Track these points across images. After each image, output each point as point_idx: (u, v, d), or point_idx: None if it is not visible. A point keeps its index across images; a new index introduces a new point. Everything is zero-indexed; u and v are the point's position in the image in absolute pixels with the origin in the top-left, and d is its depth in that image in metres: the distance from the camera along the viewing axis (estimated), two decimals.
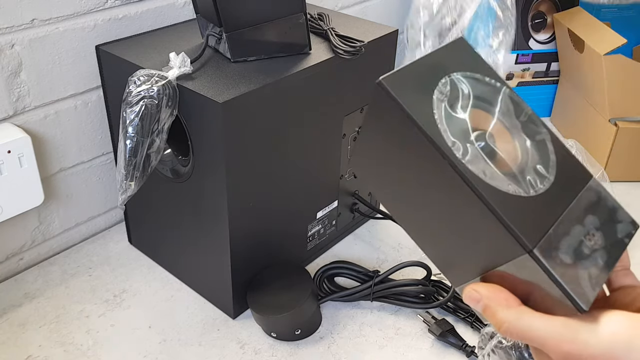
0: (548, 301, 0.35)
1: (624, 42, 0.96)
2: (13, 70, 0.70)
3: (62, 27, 0.72)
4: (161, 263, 0.80)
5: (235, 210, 0.65)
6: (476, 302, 0.37)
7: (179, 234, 0.74)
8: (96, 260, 0.81)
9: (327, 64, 0.69)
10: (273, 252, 0.74)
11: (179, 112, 0.63)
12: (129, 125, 0.61)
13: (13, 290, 0.76)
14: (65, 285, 0.77)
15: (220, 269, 0.70)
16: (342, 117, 0.75)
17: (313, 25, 0.75)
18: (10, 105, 0.71)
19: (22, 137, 0.70)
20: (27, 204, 0.73)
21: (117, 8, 0.77)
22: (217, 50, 0.70)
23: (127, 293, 0.76)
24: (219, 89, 0.61)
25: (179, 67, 0.62)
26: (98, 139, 0.81)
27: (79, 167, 0.81)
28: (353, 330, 0.72)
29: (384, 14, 1.23)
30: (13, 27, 0.68)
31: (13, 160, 0.70)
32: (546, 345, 0.35)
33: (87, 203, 0.84)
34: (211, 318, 0.73)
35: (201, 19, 0.70)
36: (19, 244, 0.79)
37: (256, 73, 0.64)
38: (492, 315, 0.37)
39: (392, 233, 0.87)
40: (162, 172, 0.70)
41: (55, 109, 0.75)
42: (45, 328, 0.70)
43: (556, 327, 0.34)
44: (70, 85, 0.76)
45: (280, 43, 0.68)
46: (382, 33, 0.76)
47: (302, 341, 0.70)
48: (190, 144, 0.64)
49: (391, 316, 0.74)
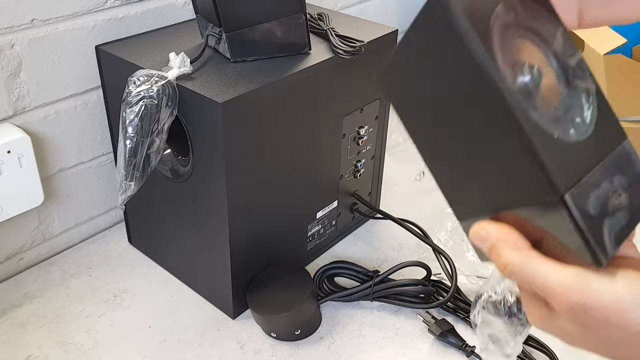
0: (560, 252, 0.34)
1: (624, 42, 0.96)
2: (13, 70, 0.70)
3: (62, 27, 0.72)
4: (161, 263, 0.80)
5: (235, 210, 0.65)
6: (483, 241, 0.36)
7: (179, 234, 0.74)
8: (96, 261, 0.81)
9: (327, 64, 0.69)
10: (273, 252, 0.74)
11: (179, 112, 0.63)
12: (129, 126, 0.61)
13: (13, 291, 0.76)
14: (65, 286, 0.77)
15: (220, 269, 0.70)
16: (342, 117, 0.75)
17: (313, 25, 0.75)
18: (10, 106, 0.71)
19: (22, 137, 0.70)
20: (27, 204, 0.73)
21: (117, 8, 0.77)
22: (216, 51, 0.70)
23: (127, 293, 0.76)
24: (219, 89, 0.61)
25: (178, 67, 0.62)
26: (98, 139, 0.81)
27: (79, 167, 0.81)
28: (353, 331, 0.72)
29: (384, 14, 1.23)
30: (13, 27, 0.68)
31: (13, 161, 0.70)
32: (552, 293, 0.33)
33: (87, 203, 0.84)
34: (211, 318, 0.73)
35: (201, 19, 0.70)
36: (19, 244, 0.79)
37: (256, 73, 0.64)
38: (497, 257, 0.35)
39: (392, 233, 0.87)
40: (162, 172, 0.70)
41: (55, 109, 0.75)
42: (45, 328, 0.70)
43: (567, 275, 0.33)
44: (70, 85, 0.76)
45: (280, 43, 0.68)
46: (382, 33, 0.76)
47: (302, 341, 0.70)
48: (190, 144, 0.64)
49: (391, 316, 0.74)
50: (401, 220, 0.82)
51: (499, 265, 0.35)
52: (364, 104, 0.78)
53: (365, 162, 0.83)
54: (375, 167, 0.86)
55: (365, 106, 0.78)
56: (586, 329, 0.33)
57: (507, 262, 0.35)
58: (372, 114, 0.80)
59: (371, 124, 0.80)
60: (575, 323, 0.34)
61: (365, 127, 0.79)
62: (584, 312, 0.33)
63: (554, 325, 0.35)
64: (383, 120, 0.83)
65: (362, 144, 0.81)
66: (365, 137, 0.80)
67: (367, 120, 0.79)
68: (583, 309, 0.33)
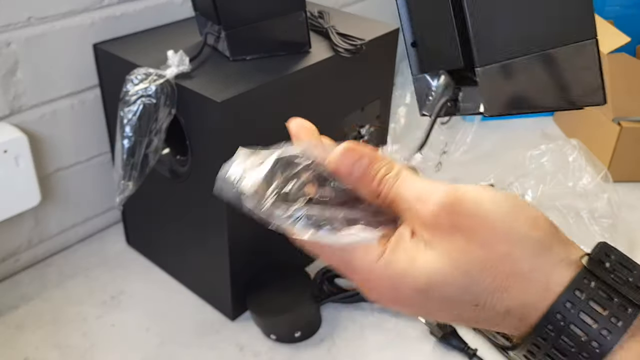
0: None
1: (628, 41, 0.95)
2: (9, 69, 0.69)
3: (59, 25, 0.72)
4: (159, 264, 0.80)
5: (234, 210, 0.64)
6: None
7: (178, 234, 0.73)
8: (93, 262, 0.81)
9: (327, 62, 0.68)
10: (272, 253, 0.74)
11: (177, 111, 0.62)
12: (127, 125, 0.60)
13: (9, 292, 0.75)
14: (62, 287, 0.76)
15: (219, 270, 0.69)
16: (342, 117, 0.74)
17: (313, 23, 0.74)
18: (7, 105, 0.70)
19: (19, 136, 0.69)
20: (24, 204, 0.73)
21: (115, 6, 0.76)
22: (215, 49, 0.69)
23: (125, 294, 0.75)
24: (218, 88, 0.60)
25: (177, 65, 0.61)
26: (95, 138, 0.81)
27: (76, 167, 0.80)
28: (354, 333, 0.71)
29: (385, 12, 1.23)
30: (9, 25, 0.67)
31: (9, 160, 0.69)
32: (425, 195, 0.32)
33: (85, 203, 0.84)
34: (210, 320, 0.72)
35: (200, 17, 0.70)
36: (15, 245, 0.78)
37: (255, 71, 0.64)
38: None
39: None
40: (160, 172, 0.70)
41: (52, 108, 0.75)
42: (42, 330, 0.70)
43: (442, 185, 0.32)
44: (67, 84, 0.75)
45: (280, 41, 0.67)
46: (383, 31, 0.75)
47: (302, 343, 0.69)
48: (189, 144, 0.64)
49: (392, 318, 0.73)
50: None
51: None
52: (365, 103, 0.77)
53: None
54: None
55: (366, 105, 0.78)
56: (451, 239, 0.31)
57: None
58: (372, 114, 0.79)
59: (372, 123, 0.80)
60: (438, 230, 0.31)
61: (366, 127, 0.79)
62: (455, 209, 0.31)
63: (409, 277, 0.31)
64: (384, 120, 0.82)
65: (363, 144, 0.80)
66: (366, 136, 0.79)
67: (368, 119, 0.79)
68: (455, 205, 0.31)
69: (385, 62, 0.78)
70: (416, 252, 0.31)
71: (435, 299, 0.31)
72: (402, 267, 0.31)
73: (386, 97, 0.81)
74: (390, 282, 0.32)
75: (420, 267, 0.31)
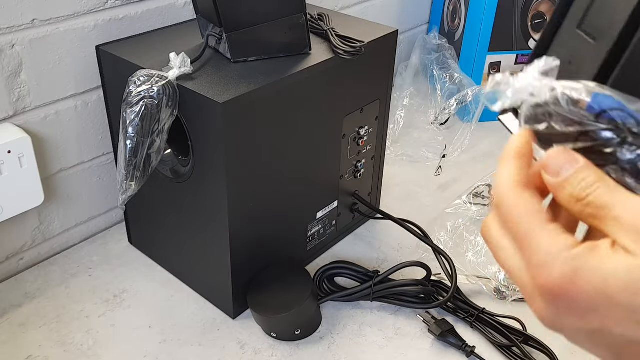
0: None
1: None
2: (13, 70, 0.70)
3: (63, 27, 0.72)
4: (161, 263, 0.80)
5: (235, 210, 0.65)
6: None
7: (179, 234, 0.74)
8: (96, 260, 0.81)
9: (327, 64, 0.69)
10: (273, 252, 0.74)
11: (179, 112, 0.63)
12: (129, 126, 0.61)
13: (13, 290, 0.76)
14: (66, 285, 0.77)
15: (221, 269, 0.70)
16: (342, 117, 0.75)
17: (313, 25, 0.75)
18: (11, 106, 0.71)
19: (23, 137, 0.70)
20: (28, 204, 0.73)
21: (118, 8, 0.77)
22: (217, 51, 0.70)
23: (128, 293, 0.76)
24: (219, 89, 0.61)
25: (179, 67, 0.62)
26: (98, 139, 0.81)
27: (80, 167, 0.81)
28: (353, 331, 0.72)
29: (384, 15, 1.23)
30: (13, 27, 0.68)
31: (13, 161, 0.70)
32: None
33: (88, 203, 0.84)
34: (211, 318, 0.73)
35: (201, 19, 0.70)
36: (19, 244, 0.79)
37: (256, 73, 0.64)
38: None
39: (392, 233, 0.87)
40: (162, 172, 0.71)
41: (56, 109, 0.75)
42: (46, 328, 0.70)
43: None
44: (71, 85, 0.76)
45: (281, 43, 0.68)
46: (382, 33, 0.76)
47: (302, 341, 0.70)
48: (191, 144, 0.64)
49: (391, 316, 0.74)
50: (401, 221, 0.82)
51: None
52: (364, 104, 0.78)
53: (365, 162, 0.83)
54: (375, 167, 0.86)
55: (366, 106, 0.78)
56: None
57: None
58: (372, 114, 0.80)
59: (371, 124, 0.81)
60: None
61: (366, 128, 0.79)
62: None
63: None
64: (383, 121, 0.83)
65: (362, 145, 0.81)
66: (365, 137, 0.80)
67: (367, 120, 0.80)
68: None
69: (384, 64, 0.79)
70: (613, 254, 0.27)
71: (625, 305, 0.26)
72: (591, 263, 0.27)
73: (385, 98, 0.81)
74: (570, 268, 0.27)
75: (616, 262, 0.27)
